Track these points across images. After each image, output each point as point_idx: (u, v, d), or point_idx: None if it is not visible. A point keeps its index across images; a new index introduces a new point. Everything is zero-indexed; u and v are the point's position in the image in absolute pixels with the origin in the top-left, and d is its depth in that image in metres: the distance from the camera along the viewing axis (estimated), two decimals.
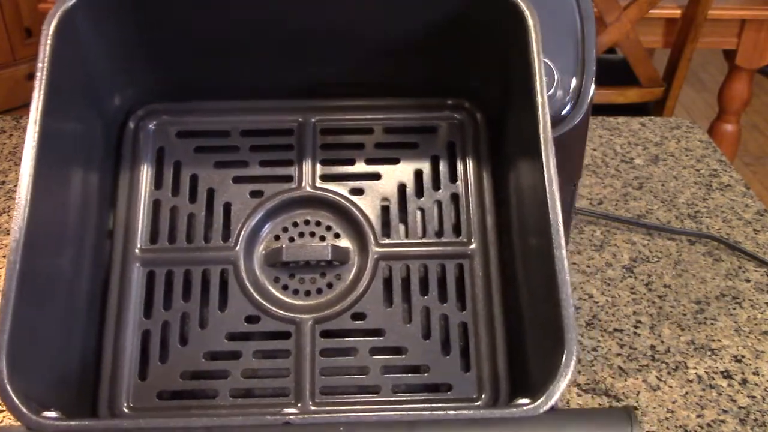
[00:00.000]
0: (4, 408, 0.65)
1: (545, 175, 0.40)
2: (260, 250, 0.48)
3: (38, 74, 0.41)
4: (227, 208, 0.49)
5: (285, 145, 0.50)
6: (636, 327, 0.75)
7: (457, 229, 0.48)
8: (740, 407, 0.66)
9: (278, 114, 0.50)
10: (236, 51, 0.47)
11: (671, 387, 0.68)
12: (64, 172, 0.43)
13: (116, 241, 0.48)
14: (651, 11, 1.61)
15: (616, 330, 0.74)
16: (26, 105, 2.99)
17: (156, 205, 0.49)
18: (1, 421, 0.64)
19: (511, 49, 0.44)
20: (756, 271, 0.82)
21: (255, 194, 0.49)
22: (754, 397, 0.67)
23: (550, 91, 0.55)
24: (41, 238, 0.40)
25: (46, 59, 0.41)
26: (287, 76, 0.49)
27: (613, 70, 1.86)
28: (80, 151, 0.45)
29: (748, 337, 0.74)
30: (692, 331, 0.74)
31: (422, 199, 0.49)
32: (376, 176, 0.49)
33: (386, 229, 0.48)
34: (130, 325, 0.47)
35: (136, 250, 0.48)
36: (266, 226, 0.48)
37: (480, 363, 0.46)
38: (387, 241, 0.48)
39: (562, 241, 0.39)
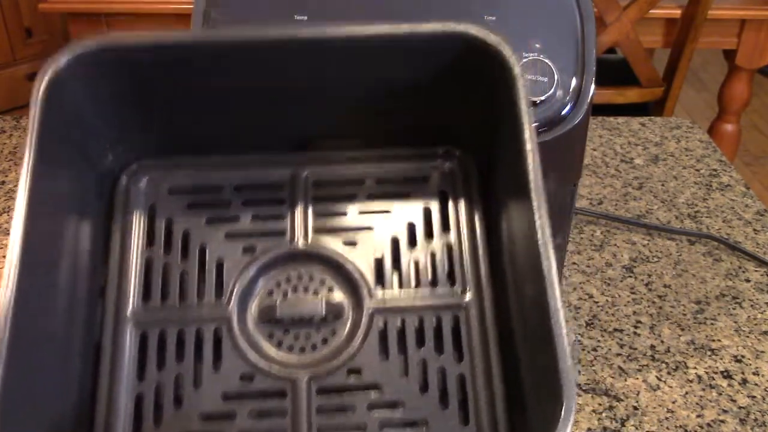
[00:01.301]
0: None
1: (537, 223, 0.39)
2: (254, 306, 0.48)
3: (29, 137, 0.41)
4: (220, 264, 0.48)
5: (277, 199, 0.50)
6: (636, 327, 0.75)
7: (451, 279, 0.48)
8: (740, 407, 0.66)
9: (270, 168, 0.50)
10: (227, 108, 0.48)
11: (671, 387, 0.68)
12: (55, 231, 0.43)
13: (108, 300, 0.48)
14: (651, 11, 1.61)
15: (616, 330, 0.74)
16: (26, 105, 3.01)
17: (148, 263, 0.48)
18: None
19: (498, 97, 0.44)
20: (756, 271, 0.82)
21: (248, 250, 0.49)
22: (754, 397, 0.68)
23: (550, 91, 0.55)
24: (33, 298, 0.40)
25: (35, 123, 0.41)
26: (278, 130, 0.49)
27: (613, 70, 1.86)
28: (72, 209, 0.45)
29: (748, 337, 0.74)
30: (692, 331, 0.74)
31: (415, 249, 0.49)
32: (369, 228, 0.49)
33: (380, 281, 0.48)
34: (123, 387, 0.46)
35: (128, 310, 0.48)
36: (259, 281, 0.48)
37: (479, 415, 0.46)
38: (381, 294, 0.48)
39: (557, 292, 0.38)
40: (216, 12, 0.57)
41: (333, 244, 0.49)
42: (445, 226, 0.49)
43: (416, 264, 0.48)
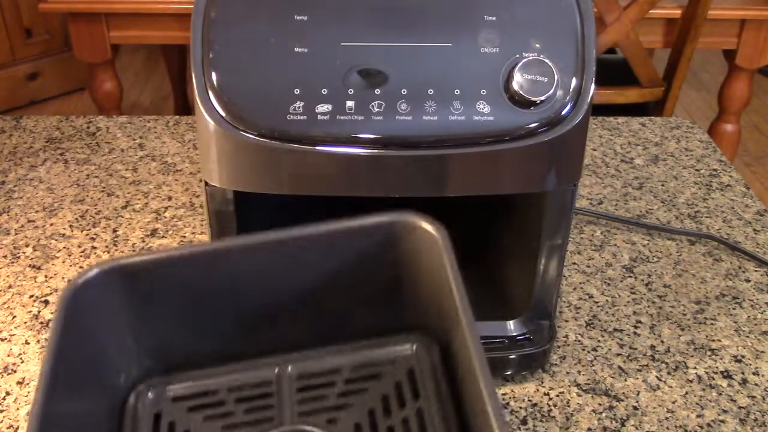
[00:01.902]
0: (4, 408, 0.65)
1: (484, 396, 0.43)
2: None
3: (47, 361, 0.44)
4: None
5: (266, 394, 0.57)
6: (636, 327, 0.75)
7: None
8: (740, 407, 0.67)
9: (258, 369, 0.58)
10: (222, 326, 0.57)
11: (671, 387, 0.68)
12: None
13: None
14: (651, 11, 1.61)
15: (616, 330, 0.74)
16: (26, 105, 2.99)
17: None
18: (1, 421, 0.64)
19: (436, 276, 0.50)
20: (756, 271, 0.82)
21: None
22: (754, 397, 0.68)
23: (550, 91, 0.55)
24: None
25: (55, 341, 0.45)
26: (266, 338, 0.58)
27: (613, 70, 1.86)
28: (83, 419, 0.50)
29: (748, 337, 0.74)
30: (692, 331, 0.74)
31: (390, 418, 0.54)
32: (348, 407, 0.56)
33: None
34: None
35: None
36: None
37: None
38: None
39: None
40: (216, 12, 0.57)
41: (317, 423, 0.55)
42: (415, 395, 0.54)
43: (391, 430, 0.53)
